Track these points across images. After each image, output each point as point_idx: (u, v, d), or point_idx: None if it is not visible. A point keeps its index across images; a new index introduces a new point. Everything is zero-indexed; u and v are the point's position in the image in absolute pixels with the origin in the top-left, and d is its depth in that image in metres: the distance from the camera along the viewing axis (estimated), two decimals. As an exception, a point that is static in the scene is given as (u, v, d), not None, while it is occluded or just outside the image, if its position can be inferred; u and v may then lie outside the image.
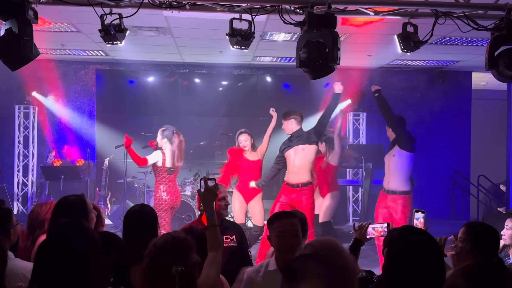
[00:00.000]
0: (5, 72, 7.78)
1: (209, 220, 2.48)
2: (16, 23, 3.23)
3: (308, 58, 3.44)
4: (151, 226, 2.76)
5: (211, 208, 2.52)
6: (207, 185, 2.56)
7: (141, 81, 9.67)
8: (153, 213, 2.86)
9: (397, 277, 1.89)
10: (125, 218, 2.83)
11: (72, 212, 2.46)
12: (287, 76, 9.90)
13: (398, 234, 2.03)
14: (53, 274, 1.77)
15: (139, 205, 2.99)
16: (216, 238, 2.41)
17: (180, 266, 1.88)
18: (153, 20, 6.16)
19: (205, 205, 2.53)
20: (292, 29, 6.72)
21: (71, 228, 1.87)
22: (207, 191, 2.55)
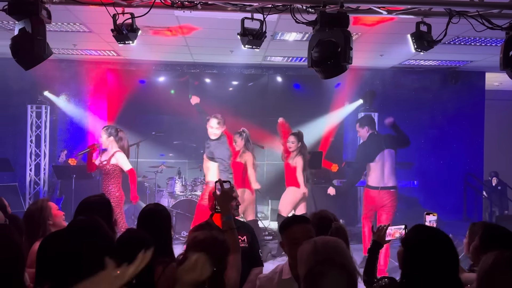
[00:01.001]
0: (17, 72, 7.88)
1: (226, 223, 2.45)
2: (30, 23, 3.25)
3: (320, 57, 3.42)
4: (164, 225, 2.76)
5: (228, 211, 2.49)
6: (223, 187, 2.52)
7: (152, 81, 9.70)
8: (167, 212, 2.86)
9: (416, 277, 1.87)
10: (139, 217, 2.83)
11: (95, 212, 2.46)
12: (298, 76, 9.86)
13: (414, 234, 2.01)
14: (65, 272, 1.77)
15: (154, 204, 3.00)
16: (235, 241, 2.39)
17: (213, 267, 1.86)
18: (164, 20, 6.17)
19: (222, 208, 2.50)
20: (303, 28, 6.71)
21: (86, 226, 1.87)
22: (224, 194, 2.51)
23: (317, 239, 1.89)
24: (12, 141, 9.21)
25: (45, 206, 3.12)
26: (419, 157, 9.42)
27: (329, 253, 1.76)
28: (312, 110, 9.54)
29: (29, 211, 3.14)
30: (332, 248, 1.79)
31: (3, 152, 8.69)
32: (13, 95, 8.83)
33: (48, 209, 3.12)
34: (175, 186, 8.16)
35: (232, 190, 2.60)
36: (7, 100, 8.92)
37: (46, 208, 3.11)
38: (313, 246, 1.82)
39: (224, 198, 2.50)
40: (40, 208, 3.09)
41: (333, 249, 1.79)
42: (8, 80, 8.40)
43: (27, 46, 3.28)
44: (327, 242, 1.86)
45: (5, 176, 8.55)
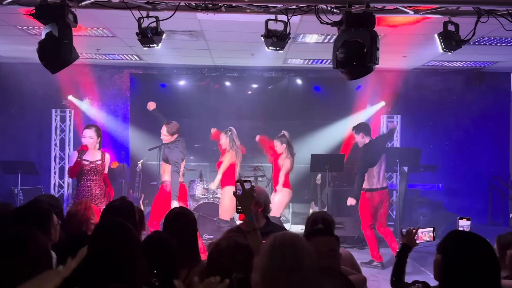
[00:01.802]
0: (42, 77, 8.06)
1: (249, 224, 2.41)
2: (56, 27, 3.28)
3: (345, 58, 3.37)
4: (190, 229, 2.75)
5: (250, 212, 2.45)
6: (244, 188, 2.48)
7: (173, 84, 9.77)
8: (192, 216, 2.85)
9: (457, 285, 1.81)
10: (165, 220, 2.83)
11: (119, 215, 2.47)
12: (319, 79, 9.80)
13: (453, 240, 1.95)
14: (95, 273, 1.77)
15: (180, 207, 3.01)
16: (258, 242, 2.32)
17: (239, 274, 1.83)
18: (186, 23, 6.20)
19: (243, 208, 2.45)
20: (324, 30, 6.68)
21: (115, 227, 1.87)
22: (245, 194, 2.47)
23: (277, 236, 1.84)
24: (37, 145, 9.37)
25: (89, 206, 3.28)
26: (443, 160, 9.26)
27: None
28: (333, 112, 9.47)
29: (74, 211, 3.25)
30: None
31: (28, 155, 8.85)
32: (38, 100, 8.98)
33: (92, 209, 3.28)
34: (197, 189, 8.18)
35: (253, 189, 2.54)
36: (32, 104, 9.08)
37: (90, 208, 3.26)
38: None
39: (245, 198, 2.46)
40: (85, 208, 3.22)
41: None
42: (33, 85, 8.55)
43: (53, 50, 3.32)
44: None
45: (30, 179, 8.69)
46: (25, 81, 8.49)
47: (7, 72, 8.56)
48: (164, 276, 2.05)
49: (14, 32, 6.57)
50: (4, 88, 8.80)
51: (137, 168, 8.73)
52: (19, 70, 8.47)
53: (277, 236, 1.82)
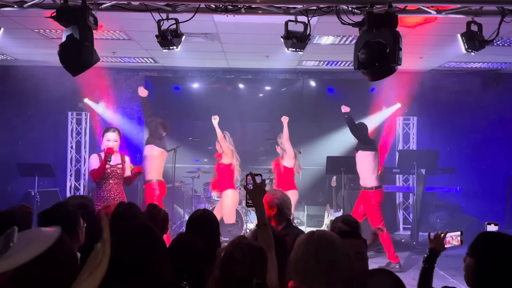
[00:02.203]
0: (58, 80, 8.13)
1: (259, 218, 2.37)
2: (77, 29, 3.29)
3: (367, 59, 3.33)
4: (213, 231, 2.73)
5: (261, 206, 2.41)
6: (255, 181, 2.44)
7: (187, 87, 9.79)
8: (215, 218, 2.84)
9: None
10: (188, 222, 2.82)
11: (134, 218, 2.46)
12: (333, 80, 9.75)
13: (487, 243, 1.89)
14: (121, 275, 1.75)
15: (203, 209, 2.99)
16: (269, 237, 2.30)
17: (259, 280, 1.81)
18: (202, 26, 6.20)
19: (255, 202, 2.42)
20: (340, 32, 6.64)
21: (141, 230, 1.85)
22: (256, 188, 2.44)
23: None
24: (54, 147, 9.44)
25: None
26: (460, 162, 9.13)
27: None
28: (348, 114, 9.37)
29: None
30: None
31: (45, 158, 8.91)
32: (55, 103, 9.05)
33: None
34: (212, 191, 8.17)
35: (264, 183, 2.50)
36: (48, 107, 9.16)
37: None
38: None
39: (256, 192, 2.42)
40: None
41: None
42: (50, 88, 8.62)
43: (75, 52, 3.33)
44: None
45: (47, 182, 8.76)
46: (42, 84, 8.55)
47: (25, 76, 8.64)
48: (194, 279, 2.03)
49: (31, 35, 6.63)
50: (21, 91, 8.88)
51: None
52: (36, 73, 8.55)
53: (316, 231, 1.84)
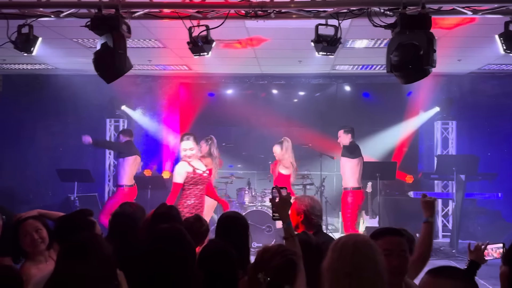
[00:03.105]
0: (97, 88, 8.35)
1: (286, 230, 2.42)
2: (111, 37, 3.38)
3: (400, 61, 3.25)
4: (243, 233, 2.73)
5: (288, 218, 2.46)
6: (280, 194, 2.50)
7: (220, 93, 9.87)
8: (245, 220, 2.83)
9: None
10: (218, 224, 2.82)
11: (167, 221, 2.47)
12: (368, 85, 9.60)
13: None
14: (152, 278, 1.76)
15: (233, 212, 2.99)
16: (296, 248, 2.32)
17: (288, 285, 1.81)
18: (234, 32, 6.24)
19: (281, 215, 2.47)
20: (375, 35, 6.54)
21: (173, 233, 1.86)
22: (282, 201, 2.49)
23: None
24: (92, 153, 9.69)
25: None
26: (502, 168, 8.78)
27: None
28: (384, 119, 9.22)
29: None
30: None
31: (84, 163, 9.17)
32: (93, 110, 9.31)
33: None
34: (245, 196, 8.19)
35: (289, 196, 2.56)
36: (87, 114, 9.42)
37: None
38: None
39: (282, 205, 2.48)
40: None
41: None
42: (89, 96, 8.88)
43: (109, 60, 3.41)
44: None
45: (86, 187, 9.01)
46: (81, 92, 8.81)
47: (64, 84, 8.94)
48: (225, 286, 2.03)
49: (70, 45, 6.86)
50: (61, 99, 9.18)
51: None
52: (75, 81, 8.82)
53: (342, 238, 1.83)
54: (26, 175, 9.27)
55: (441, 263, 6.59)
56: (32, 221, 2.76)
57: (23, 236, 2.70)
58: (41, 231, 2.74)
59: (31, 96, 9.35)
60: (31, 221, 2.76)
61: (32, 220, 2.77)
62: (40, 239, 2.72)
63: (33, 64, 8.43)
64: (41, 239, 2.73)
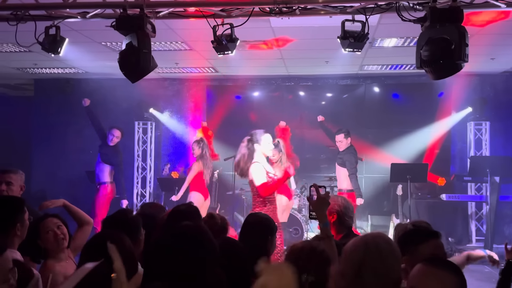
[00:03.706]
0: (126, 91, 8.47)
1: (323, 230, 2.35)
2: (136, 37, 3.39)
3: (430, 56, 3.13)
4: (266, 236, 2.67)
5: (325, 218, 2.39)
6: (319, 193, 2.42)
7: (247, 96, 9.85)
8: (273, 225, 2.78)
9: None
10: (243, 225, 2.78)
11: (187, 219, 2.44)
12: (398, 85, 9.40)
13: None
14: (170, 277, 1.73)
15: (264, 214, 2.95)
16: (332, 250, 2.25)
17: (311, 277, 1.76)
18: (260, 33, 6.21)
19: (318, 214, 2.40)
20: (404, 33, 6.38)
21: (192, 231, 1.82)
22: (320, 200, 2.41)
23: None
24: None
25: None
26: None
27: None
28: (415, 120, 9.01)
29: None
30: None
31: (113, 166, 9.28)
32: (122, 113, 9.43)
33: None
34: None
35: (328, 195, 2.47)
36: (117, 117, 9.54)
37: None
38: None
39: (320, 204, 2.40)
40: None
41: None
42: (118, 99, 9.02)
43: (133, 59, 3.42)
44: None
45: (115, 189, 9.12)
46: (110, 95, 8.96)
47: (95, 87, 9.09)
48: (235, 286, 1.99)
49: (99, 48, 6.97)
50: (92, 103, 9.32)
51: (213, 178, 8.85)
52: (105, 85, 8.97)
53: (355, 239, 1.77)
54: (57, 178, 9.47)
55: (475, 268, 6.37)
56: (52, 218, 2.77)
57: (44, 233, 2.69)
58: (62, 228, 2.75)
59: (62, 99, 9.55)
60: (50, 218, 2.77)
61: (51, 217, 2.78)
62: (62, 235, 2.73)
63: (64, 68, 8.62)
64: (63, 235, 2.73)
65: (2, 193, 3.31)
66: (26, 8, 3.67)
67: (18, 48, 6.84)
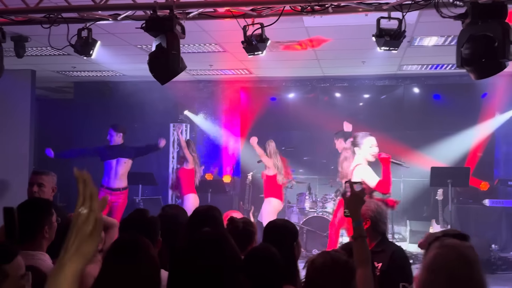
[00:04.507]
0: (162, 93, 8.54)
1: (356, 230, 2.23)
2: (165, 38, 3.36)
3: (472, 54, 2.95)
4: (291, 242, 2.57)
5: (358, 216, 2.27)
6: (353, 189, 2.30)
7: (282, 97, 9.76)
8: (295, 230, 2.67)
9: None
10: (265, 231, 2.69)
11: (204, 223, 2.38)
12: (439, 86, 9.07)
13: None
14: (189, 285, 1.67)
15: (282, 220, 2.85)
16: (365, 251, 2.15)
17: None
18: (294, 33, 6.10)
19: (351, 212, 2.28)
20: (445, 31, 6.11)
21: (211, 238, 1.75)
22: (354, 196, 2.29)
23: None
24: (156, 157, 9.92)
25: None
26: None
27: None
28: (456, 122, 8.66)
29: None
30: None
31: (148, 167, 9.40)
32: (158, 115, 9.53)
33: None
34: (305, 202, 8.02)
35: (363, 193, 2.36)
36: (152, 119, 9.67)
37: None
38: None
39: (354, 201, 2.28)
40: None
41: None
42: (154, 101, 9.11)
43: (162, 61, 3.40)
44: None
45: (150, 190, 9.23)
46: (147, 98, 9.06)
47: (132, 90, 9.23)
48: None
49: (134, 51, 7.05)
50: (129, 105, 9.48)
51: (247, 180, 8.80)
52: (142, 88, 9.07)
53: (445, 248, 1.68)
54: (97, 179, 9.66)
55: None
56: None
57: None
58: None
59: (101, 102, 9.75)
60: None
61: None
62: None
63: (102, 71, 8.79)
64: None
65: (33, 194, 3.35)
66: (58, 11, 3.71)
67: (57, 51, 7.00)
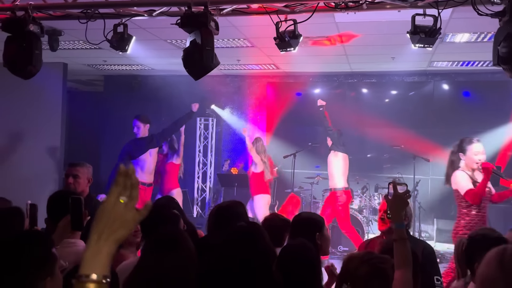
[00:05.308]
0: (189, 88, 8.62)
1: (397, 232, 2.21)
2: (200, 34, 3.40)
3: (509, 53, 2.90)
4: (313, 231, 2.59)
5: (400, 219, 2.24)
6: (396, 191, 2.26)
7: (308, 93, 9.73)
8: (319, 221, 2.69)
9: None
10: (292, 224, 2.72)
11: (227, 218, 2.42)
12: (469, 83, 8.91)
13: None
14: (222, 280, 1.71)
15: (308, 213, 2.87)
16: (406, 253, 2.13)
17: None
18: (324, 29, 6.08)
19: (393, 214, 2.26)
20: (477, 28, 6.00)
21: (245, 234, 1.79)
22: (397, 198, 2.26)
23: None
24: (184, 151, 10.03)
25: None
26: None
27: None
28: (487, 120, 8.48)
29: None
30: None
31: (176, 160, 9.51)
32: (185, 109, 9.59)
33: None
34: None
35: (407, 195, 2.31)
36: (180, 113, 9.75)
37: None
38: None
39: (397, 203, 2.25)
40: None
41: None
42: (182, 95, 9.20)
43: (196, 57, 3.44)
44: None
45: (177, 183, 9.34)
46: (175, 92, 9.17)
47: (160, 84, 9.35)
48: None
49: (164, 46, 7.15)
50: (157, 99, 9.61)
51: (272, 175, 8.82)
52: (170, 82, 9.19)
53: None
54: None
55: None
56: None
57: None
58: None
59: (130, 95, 9.91)
60: None
61: None
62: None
63: (131, 65, 8.93)
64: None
65: (69, 186, 3.44)
66: (95, 6, 3.80)
67: (88, 45, 7.15)
